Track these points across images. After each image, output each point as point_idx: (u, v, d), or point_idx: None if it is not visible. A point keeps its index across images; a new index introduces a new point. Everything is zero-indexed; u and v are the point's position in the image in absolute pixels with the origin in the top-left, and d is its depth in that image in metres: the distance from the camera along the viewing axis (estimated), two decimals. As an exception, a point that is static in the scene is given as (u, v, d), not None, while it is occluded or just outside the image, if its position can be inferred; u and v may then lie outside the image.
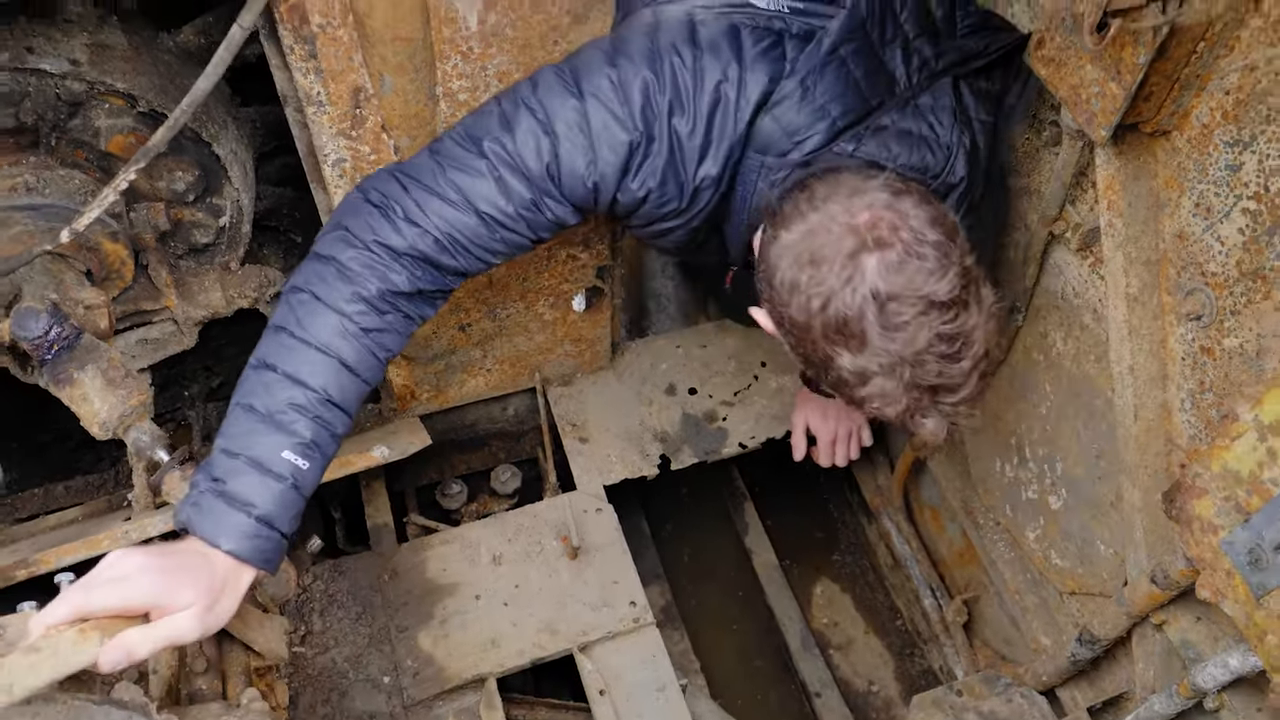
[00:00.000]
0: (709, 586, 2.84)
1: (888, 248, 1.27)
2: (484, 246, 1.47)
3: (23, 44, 1.63)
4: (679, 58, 1.42)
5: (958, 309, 1.28)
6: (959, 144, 1.49)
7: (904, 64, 1.49)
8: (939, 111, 1.49)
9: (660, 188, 1.47)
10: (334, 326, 1.39)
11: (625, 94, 1.41)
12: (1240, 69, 1.32)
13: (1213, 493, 1.31)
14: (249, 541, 1.28)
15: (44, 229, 1.74)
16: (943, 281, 1.26)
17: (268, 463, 1.31)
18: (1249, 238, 1.39)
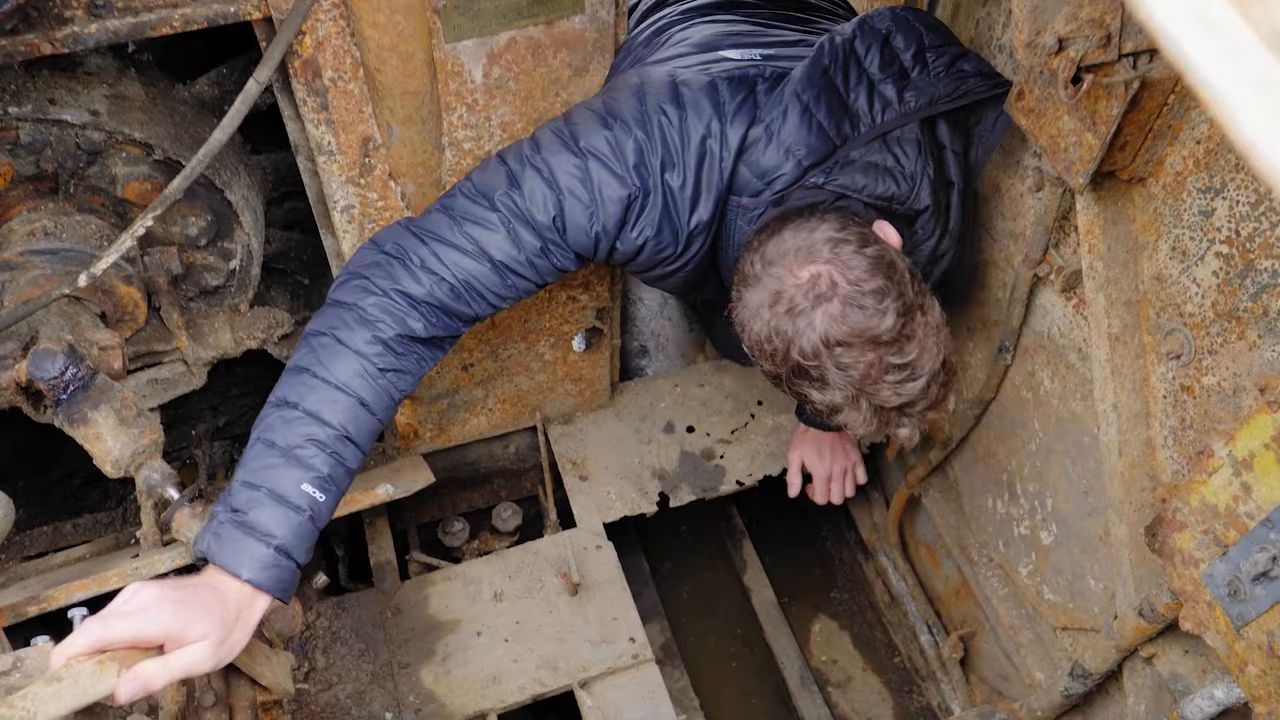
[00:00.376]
0: (708, 624, 2.86)
1: (829, 301, 1.43)
2: (495, 292, 1.58)
3: (46, 95, 1.69)
4: (666, 118, 1.56)
5: (901, 341, 1.44)
6: (923, 173, 1.61)
7: (868, 105, 1.60)
8: (905, 143, 1.60)
9: (657, 236, 1.60)
10: (354, 368, 1.47)
11: (620, 153, 1.53)
12: (1209, 120, 1.39)
13: (1192, 526, 1.36)
14: (267, 571, 1.33)
15: (61, 273, 1.80)
16: (884, 320, 1.42)
17: (287, 495, 1.37)
18: (1222, 280, 1.44)
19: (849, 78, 1.60)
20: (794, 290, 1.45)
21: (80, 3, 1.39)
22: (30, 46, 1.40)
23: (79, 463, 2.64)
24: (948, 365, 1.51)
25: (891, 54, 1.62)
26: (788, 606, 2.85)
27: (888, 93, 1.60)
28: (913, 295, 1.47)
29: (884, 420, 1.49)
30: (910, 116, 1.60)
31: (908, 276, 1.48)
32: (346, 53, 1.55)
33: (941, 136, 1.66)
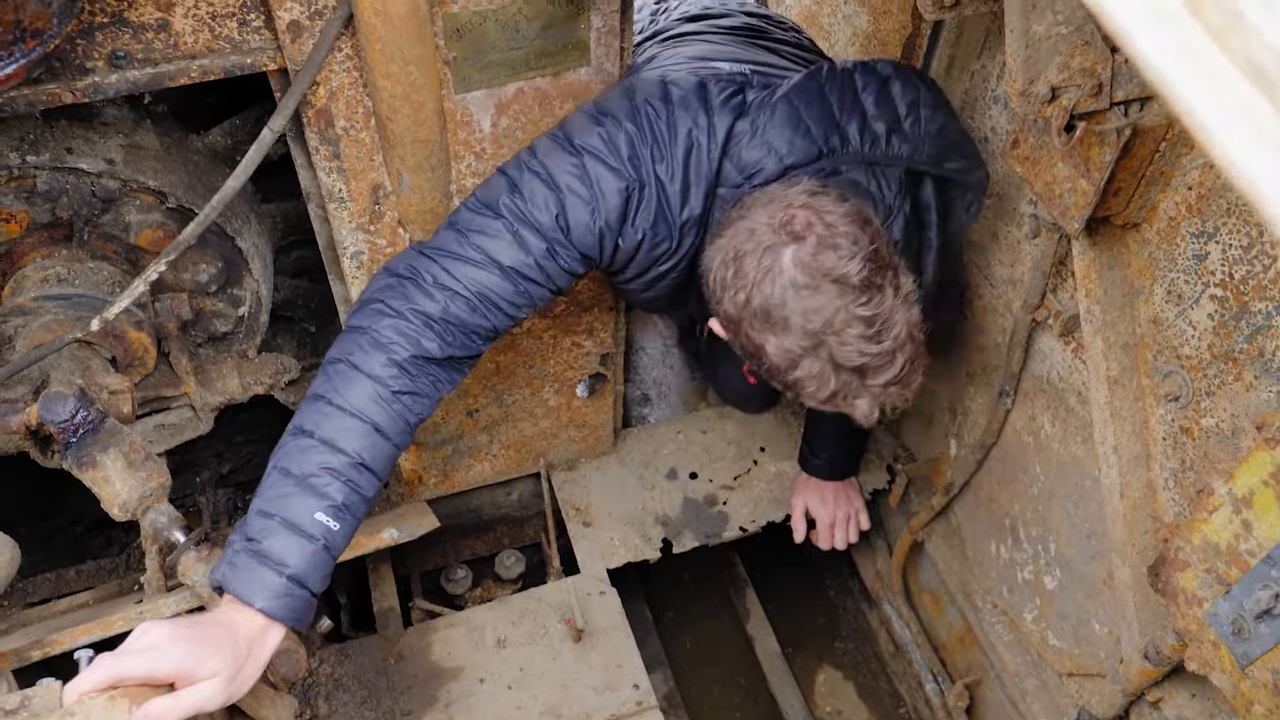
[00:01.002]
0: (711, 673, 2.84)
1: (802, 240, 1.40)
2: (509, 300, 1.58)
3: (63, 144, 1.73)
4: (654, 110, 1.57)
5: (871, 292, 1.39)
6: (899, 209, 1.62)
7: (858, 132, 1.61)
8: (889, 174, 1.62)
9: (653, 229, 1.60)
10: (368, 392, 1.48)
11: (614, 147, 1.55)
12: (1200, 166, 1.42)
13: (1195, 565, 1.37)
14: (280, 600, 1.33)
15: (73, 318, 1.82)
16: (853, 263, 1.38)
17: (301, 523, 1.37)
18: (1218, 322, 1.47)
19: (843, 102, 1.62)
20: (766, 228, 1.43)
21: (102, 54, 1.43)
22: (52, 96, 1.44)
23: (82, 510, 2.64)
24: (916, 343, 1.45)
25: (888, 98, 1.64)
26: (791, 656, 2.83)
27: (878, 129, 1.62)
28: (886, 254, 1.44)
29: (842, 385, 1.42)
30: (894, 161, 1.62)
31: (882, 238, 1.46)
32: (359, 102, 1.59)
33: (925, 195, 1.68)
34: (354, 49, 1.52)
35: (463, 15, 1.53)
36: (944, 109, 1.70)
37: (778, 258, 1.40)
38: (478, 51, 1.58)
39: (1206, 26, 0.44)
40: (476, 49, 1.58)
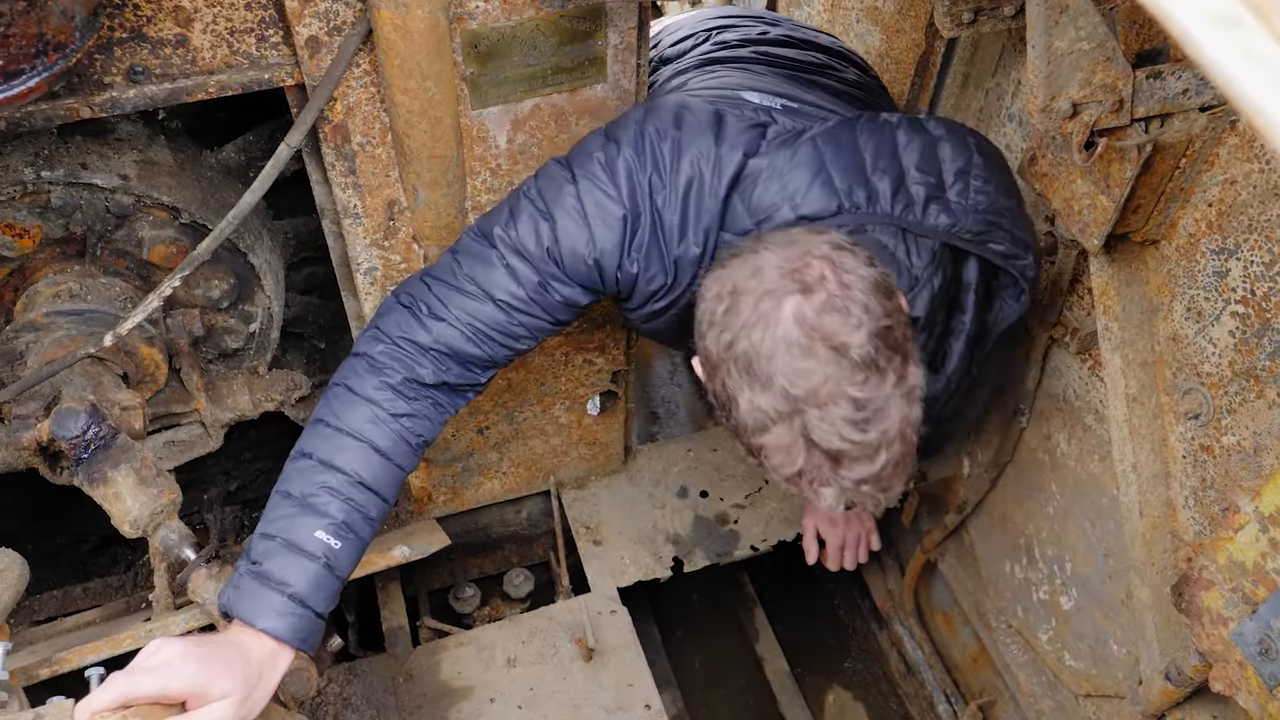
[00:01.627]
0: (720, 694, 2.82)
1: (810, 293, 1.23)
2: (505, 332, 1.53)
3: (78, 160, 1.73)
4: (659, 135, 1.46)
5: (870, 372, 1.21)
6: (927, 282, 1.45)
7: (890, 192, 1.44)
8: (920, 243, 1.45)
9: (647, 263, 1.49)
10: (365, 414, 1.47)
11: (612, 173, 1.46)
12: (1221, 183, 1.42)
13: (1220, 584, 1.35)
14: (283, 620, 1.32)
15: (85, 334, 1.82)
16: (858, 334, 1.21)
17: (301, 543, 1.37)
18: (1239, 339, 1.46)
19: (879, 156, 1.46)
20: (775, 271, 1.26)
21: (120, 69, 1.43)
22: (70, 110, 1.44)
23: (89, 528, 2.63)
24: (906, 444, 1.26)
25: (933, 160, 1.47)
26: (801, 676, 2.80)
27: (915, 192, 1.45)
28: (900, 336, 1.26)
29: (811, 466, 1.24)
30: (929, 232, 1.44)
31: (902, 316, 1.29)
32: (376, 118, 1.59)
33: (969, 274, 1.51)
34: (372, 65, 1.52)
35: (481, 31, 1.53)
36: (999, 181, 1.51)
37: (778, 305, 1.23)
38: (495, 68, 1.58)
39: (1272, 31, 0.44)
40: (494, 65, 1.58)
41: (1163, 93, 1.36)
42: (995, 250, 1.48)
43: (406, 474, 1.53)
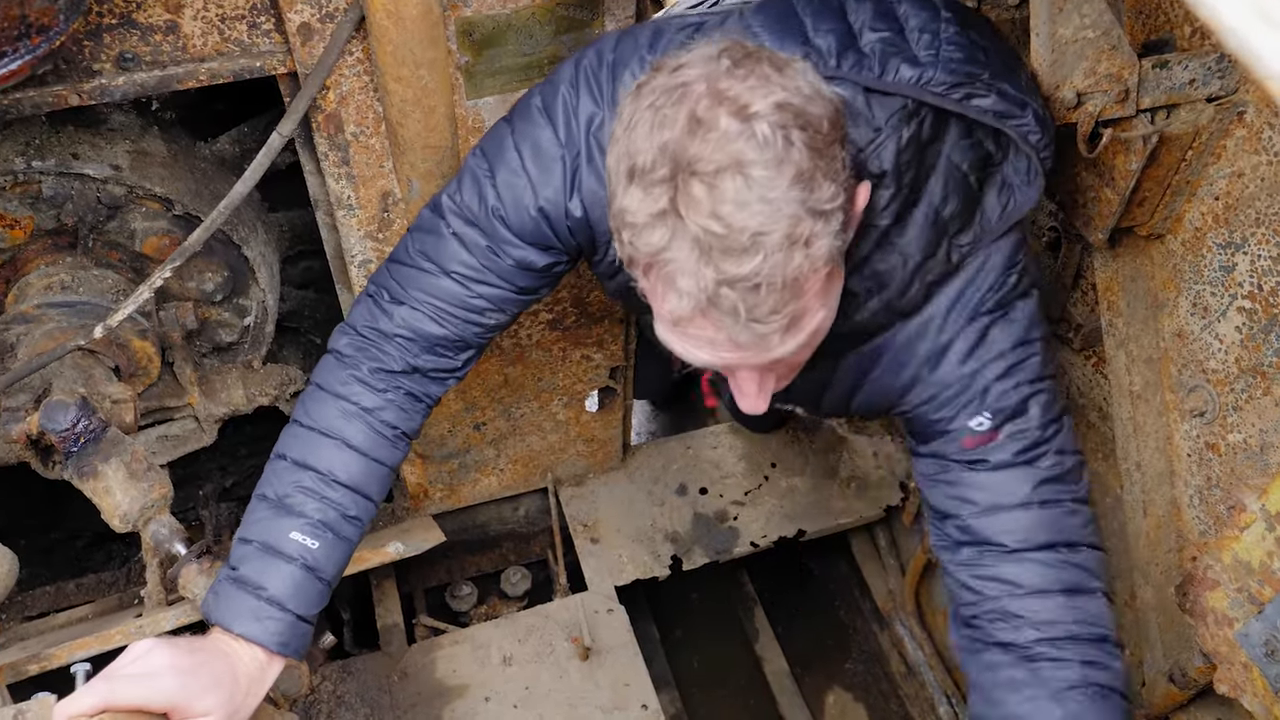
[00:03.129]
0: (719, 694, 2.79)
1: (722, 84, 1.02)
2: (465, 306, 1.43)
3: (69, 150, 1.71)
4: (597, 63, 1.33)
5: (768, 150, 1.00)
6: (893, 133, 1.22)
7: (836, 50, 1.24)
8: (885, 100, 1.23)
9: (593, 205, 1.35)
10: (335, 410, 1.43)
11: (550, 115, 1.35)
12: (1228, 175, 1.39)
13: (1225, 584, 1.33)
14: (259, 624, 1.29)
15: (76, 326, 1.80)
16: (765, 102, 1.00)
17: (277, 545, 1.34)
18: (1246, 335, 1.43)
19: (820, 20, 1.27)
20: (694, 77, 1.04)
21: (109, 55, 1.41)
22: (58, 97, 1.42)
23: (82, 523, 2.61)
24: (794, 265, 1.02)
25: (892, 16, 1.28)
26: (801, 677, 2.78)
27: (870, 49, 1.24)
28: (822, 142, 1.03)
29: (675, 246, 1.02)
30: (892, 88, 1.22)
31: (838, 133, 1.06)
32: (369, 107, 1.57)
33: (948, 137, 1.26)
34: (365, 53, 1.50)
35: (476, 19, 1.51)
36: (981, 34, 1.30)
37: (683, 95, 1.03)
38: (490, 56, 1.56)
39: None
40: (489, 54, 1.56)
41: (1169, 83, 1.33)
42: (980, 107, 1.25)
43: (389, 469, 1.47)
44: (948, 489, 1.40)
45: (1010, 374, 1.33)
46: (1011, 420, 1.33)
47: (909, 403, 1.40)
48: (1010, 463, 1.35)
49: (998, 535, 1.36)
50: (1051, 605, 1.33)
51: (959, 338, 1.34)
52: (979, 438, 1.35)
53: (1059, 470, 1.35)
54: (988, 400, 1.33)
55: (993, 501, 1.36)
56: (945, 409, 1.36)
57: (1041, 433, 1.34)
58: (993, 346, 1.33)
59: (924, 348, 1.36)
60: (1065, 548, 1.35)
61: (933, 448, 1.40)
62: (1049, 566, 1.34)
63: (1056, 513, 1.35)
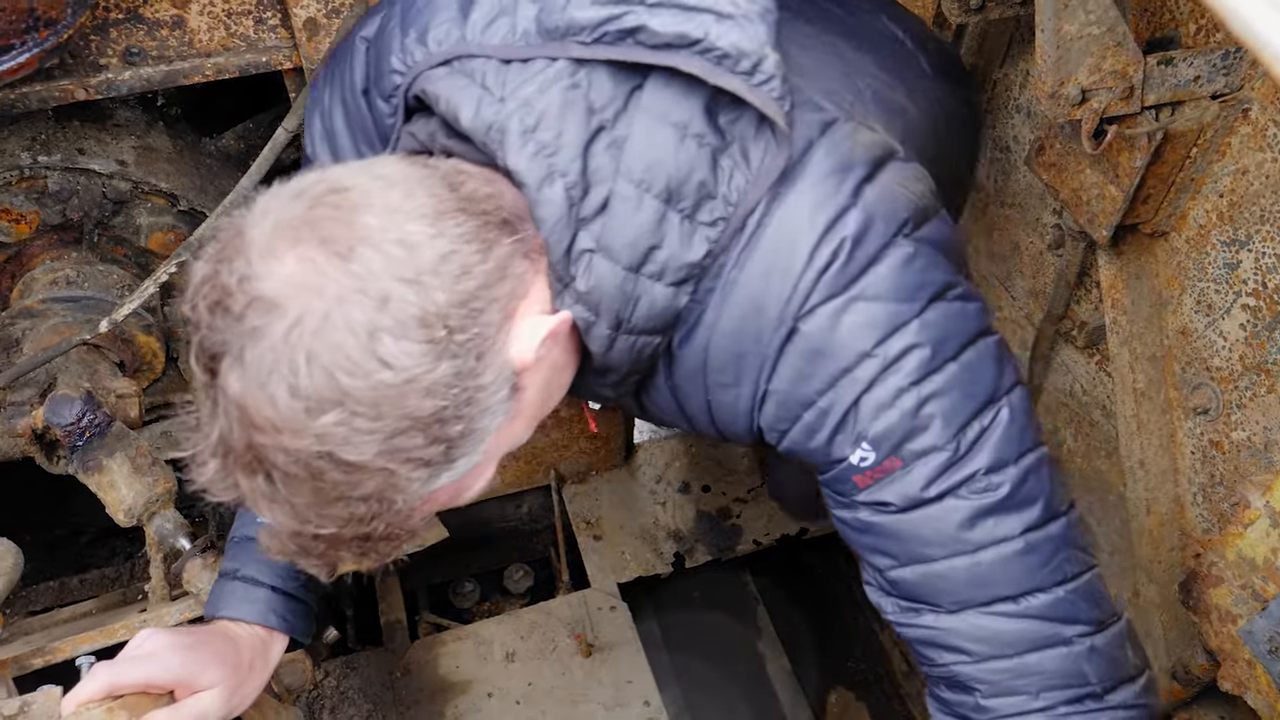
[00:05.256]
0: (721, 692, 2.79)
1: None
2: None
3: (75, 145, 1.72)
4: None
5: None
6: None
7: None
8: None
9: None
10: None
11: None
12: (1233, 173, 1.39)
13: (1229, 581, 1.33)
14: (245, 604, 1.30)
15: (81, 320, 1.80)
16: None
17: (246, 530, 1.36)
18: (1250, 333, 1.43)
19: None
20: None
21: (116, 50, 1.42)
22: (65, 92, 1.42)
23: (86, 519, 2.61)
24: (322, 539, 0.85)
25: None
26: (802, 675, 2.78)
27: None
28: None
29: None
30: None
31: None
32: (374, 103, 1.57)
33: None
34: (370, 48, 1.50)
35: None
36: None
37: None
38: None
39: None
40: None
41: (1174, 80, 1.33)
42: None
43: None
44: (856, 534, 1.05)
45: (882, 379, 0.94)
46: (906, 443, 0.96)
47: (768, 430, 1.03)
48: (921, 500, 0.97)
49: (928, 595, 1.02)
50: (1012, 669, 1.01)
51: (792, 339, 0.95)
52: (869, 474, 0.98)
53: (995, 495, 0.97)
54: (858, 424, 0.96)
55: (913, 554, 1.01)
56: (812, 437, 0.99)
57: (954, 449, 0.96)
58: (844, 345, 0.94)
59: (752, 346, 0.97)
60: (1024, 596, 1.00)
61: (824, 478, 1.04)
62: (1004, 620, 1.01)
63: (1003, 554, 0.98)
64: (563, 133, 0.89)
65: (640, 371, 1.03)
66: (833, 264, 0.92)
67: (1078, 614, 1.01)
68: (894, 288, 0.93)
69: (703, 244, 0.92)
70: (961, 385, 0.95)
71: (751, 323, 0.95)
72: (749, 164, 0.92)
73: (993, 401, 0.97)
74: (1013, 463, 0.97)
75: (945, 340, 0.95)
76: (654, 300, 0.93)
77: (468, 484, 0.92)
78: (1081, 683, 1.01)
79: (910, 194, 0.97)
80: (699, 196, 0.91)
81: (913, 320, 0.93)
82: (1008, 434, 0.97)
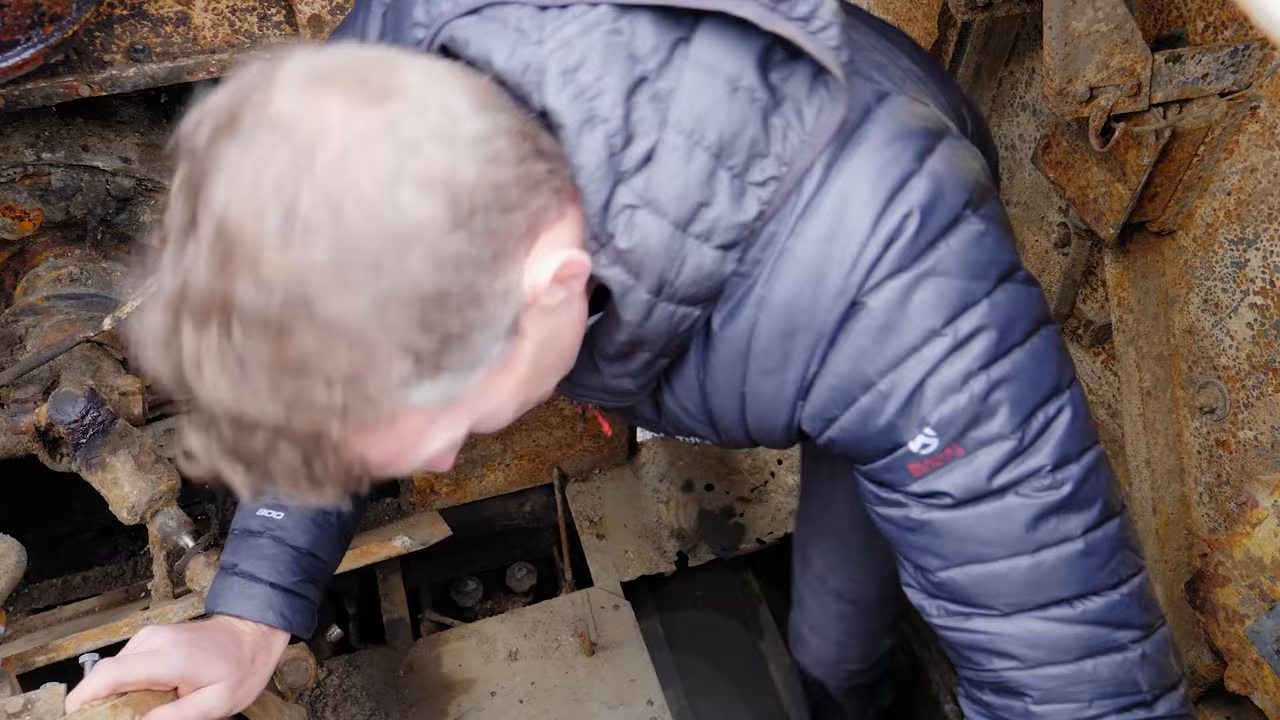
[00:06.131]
0: (723, 691, 2.79)
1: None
2: None
3: (79, 142, 1.71)
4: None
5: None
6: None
7: None
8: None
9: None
10: None
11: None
12: (1241, 171, 1.39)
13: (1236, 580, 1.32)
14: (243, 600, 1.28)
15: (84, 318, 1.80)
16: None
17: (246, 524, 1.34)
18: (1257, 331, 1.43)
19: None
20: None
21: (120, 47, 1.41)
22: (69, 88, 1.42)
23: (89, 517, 2.61)
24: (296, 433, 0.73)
25: None
26: (806, 674, 2.77)
27: None
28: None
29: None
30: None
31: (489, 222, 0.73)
32: (379, 100, 1.57)
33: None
34: (375, 45, 1.50)
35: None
36: None
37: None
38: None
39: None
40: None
41: (1182, 77, 1.33)
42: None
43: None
44: (903, 534, 1.00)
45: (950, 360, 0.89)
46: (971, 430, 0.91)
47: (812, 420, 0.97)
48: (982, 493, 0.93)
49: (980, 597, 0.98)
50: (1067, 675, 0.98)
51: (855, 314, 0.89)
52: (927, 462, 0.93)
53: (1060, 493, 0.93)
54: (921, 407, 0.91)
55: (968, 554, 0.96)
56: (868, 423, 0.94)
57: (1019, 439, 0.91)
58: (913, 322, 0.88)
59: (806, 320, 0.91)
60: (1080, 599, 0.97)
61: (872, 470, 0.99)
62: (1059, 625, 0.97)
63: (1064, 555, 0.95)
64: (604, 77, 0.82)
65: (671, 353, 0.97)
66: (901, 234, 0.87)
67: (1131, 618, 0.98)
68: (966, 264, 0.88)
69: (754, 204, 0.87)
70: (1028, 373, 0.91)
71: (808, 294, 0.89)
72: (802, 123, 0.87)
73: (1057, 393, 0.93)
74: (1075, 460, 0.93)
75: (1013, 324, 0.90)
76: (700, 263, 0.87)
77: (429, 435, 0.80)
78: (1133, 690, 0.99)
79: (970, 169, 0.92)
80: (750, 154, 0.85)
81: (983, 300, 0.89)
82: (1072, 428, 0.93)
